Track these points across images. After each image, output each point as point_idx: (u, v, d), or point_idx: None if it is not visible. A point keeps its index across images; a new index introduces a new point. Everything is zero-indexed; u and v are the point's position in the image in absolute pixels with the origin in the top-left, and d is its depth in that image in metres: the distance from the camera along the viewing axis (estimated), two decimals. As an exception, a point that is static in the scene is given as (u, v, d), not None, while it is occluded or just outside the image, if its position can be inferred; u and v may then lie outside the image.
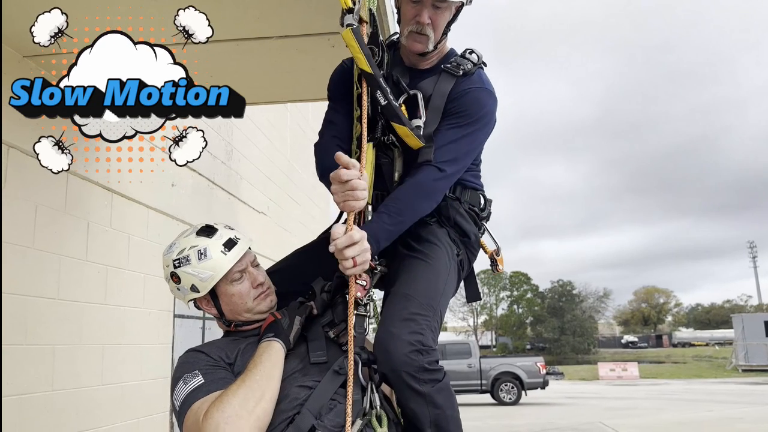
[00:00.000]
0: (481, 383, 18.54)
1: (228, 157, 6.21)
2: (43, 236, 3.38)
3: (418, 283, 1.83)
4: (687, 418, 13.60)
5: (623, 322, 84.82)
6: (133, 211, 4.40)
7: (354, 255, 1.68)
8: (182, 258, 1.78)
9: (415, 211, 1.87)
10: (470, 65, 2.01)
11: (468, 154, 1.98)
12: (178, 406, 1.66)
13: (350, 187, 1.72)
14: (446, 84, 1.97)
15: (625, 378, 32.27)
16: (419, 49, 1.98)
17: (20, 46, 3.12)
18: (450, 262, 1.95)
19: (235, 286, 1.82)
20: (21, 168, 3.21)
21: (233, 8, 2.82)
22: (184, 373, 1.69)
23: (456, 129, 1.94)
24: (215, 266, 1.77)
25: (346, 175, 1.71)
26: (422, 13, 1.92)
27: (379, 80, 1.82)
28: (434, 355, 1.73)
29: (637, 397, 20.49)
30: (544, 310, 68.14)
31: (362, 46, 1.79)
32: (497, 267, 2.19)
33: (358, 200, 1.73)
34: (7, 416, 3.04)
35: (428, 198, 1.89)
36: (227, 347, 1.81)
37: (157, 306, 4.72)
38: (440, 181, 1.90)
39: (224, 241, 1.82)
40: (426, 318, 1.75)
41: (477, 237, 2.10)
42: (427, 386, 1.69)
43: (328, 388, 1.68)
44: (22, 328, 3.21)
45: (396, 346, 1.68)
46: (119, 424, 4.11)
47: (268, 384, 1.59)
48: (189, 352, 1.81)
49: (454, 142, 1.92)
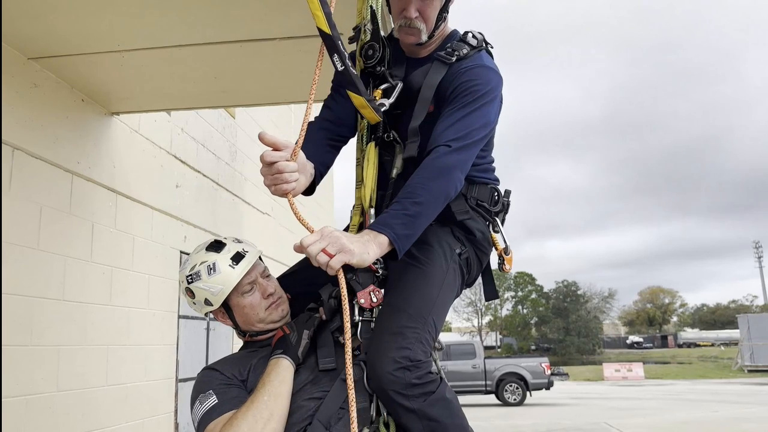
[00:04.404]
0: (486, 384, 18.53)
1: (232, 158, 6.22)
2: (48, 237, 3.39)
3: (409, 292, 1.75)
4: (692, 419, 13.56)
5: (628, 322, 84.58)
6: (138, 212, 4.40)
7: (322, 247, 1.52)
8: (194, 274, 1.84)
9: (431, 191, 1.66)
10: (467, 49, 1.87)
11: (477, 130, 1.78)
12: (196, 426, 1.74)
13: (276, 169, 1.60)
14: (437, 74, 1.85)
15: (630, 378, 32.20)
16: (413, 41, 1.90)
17: (25, 48, 3.14)
18: (448, 264, 1.86)
19: (246, 298, 1.86)
20: (26, 169, 3.23)
21: (237, 10, 2.82)
22: (200, 393, 1.75)
23: (457, 110, 1.79)
24: (224, 280, 1.82)
25: (270, 156, 1.60)
26: (409, 7, 1.83)
27: (337, 43, 1.67)
28: (424, 368, 1.63)
29: (642, 398, 20.44)
30: (549, 311, 67.98)
31: (323, 4, 1.64)
32: (504, 266, 2.07)
33: (288, 182, 1.62)
34: (13, 416, 3.05)
35: (441, 175, 1.69)
36: (240, 363, 1.84)
37: (161, 307, 4.73)
38: (450, 155, 1.71)
39: (232, 255, 1.84)
40: (415, 330, 1.66)
41: (485, 234, 1.98)
42: (418, 401, 1.62)
43: (337, 397, 1.68)
44: (27, 329, 3.22)
45: (381, 364, 1.61)
46: (124, 424, 4.12)
47: (276, 403, 1.61)
48: (205, 371, 1.85)
49: (458, 121, 1.77)
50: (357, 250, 1.55)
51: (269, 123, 7.37)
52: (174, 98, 4.06)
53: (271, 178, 1.63)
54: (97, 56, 3.21)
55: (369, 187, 1.90)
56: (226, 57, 3.27)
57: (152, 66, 3.39)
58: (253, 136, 6.77)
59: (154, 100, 4.06)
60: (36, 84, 3.29)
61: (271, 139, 1.61)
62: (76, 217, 3.65)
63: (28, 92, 3.24)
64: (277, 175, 1.62)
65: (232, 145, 6.22)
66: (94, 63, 3.30)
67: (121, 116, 4.10)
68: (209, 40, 3.09)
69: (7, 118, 3.06)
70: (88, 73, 3.46)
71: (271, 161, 1.60)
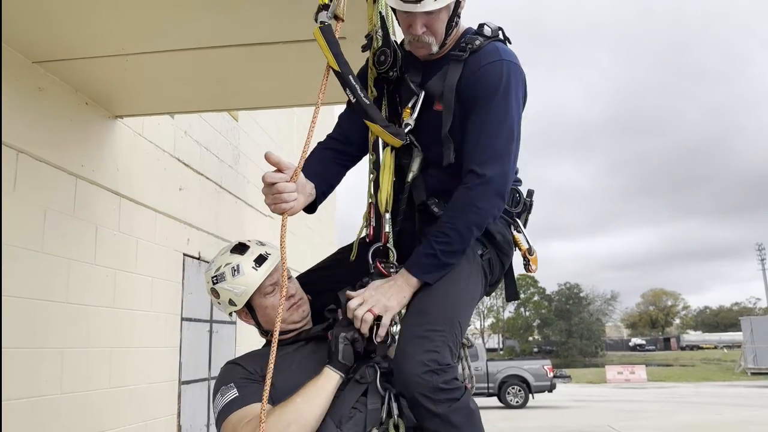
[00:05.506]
0: (488, 386, 18.49)
1: (235, 161, 6.23)
2: (52, 240, 3.40)
3: (435, 295, 1.77)
4: (697, 421, 13.52)
5: (631, 324, 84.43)
6: (141, 215, 4.42)
7: (367, 308, 1.72)
8: (219, 275, 1.92)
9: (458, 230, 1.76)
10: (480, 40, 1.86)
11: (506, 145, 1.80)
12: (216, 416, 1.81)
13: (276, 190, 1.70)
14: (454, 74, 1.84)
15: (632, 381, 32.12)
16: (424, 54, 1.90)
17: (30, 52, 3.15)
18: (471, 266, 1.87)
19: (269, 299, 1.93)
20: (30, 172, 3.24)
21: (242, 14, 2.83)
22: (222, 386, 1.83)
23: (478, 120, 1.80)
24: (247, 281, 1.89)
25: (270, 178, 1.70)
26: (414, 24, 1.81)
27: (348, 78, 1.76)
28: (451, 373, 1.66)
29: (645, 400, 20.39)
30: (552, 313, 67.93)
31: (331, 45, 1.73)
32: (530, 267, 2.07)
33: (287, 202, 1.71)
34: (17, 419, 3.06)
35: (469, 211, 1.76)
36: (263, 360, 1.90)
37: (164, 309, 4.73)
38: (477, 188, 1.76)
39: (255, 257, 1.92)
40: (442, 334, 1.69)
41: (505, 236, 1.98)
42: (443, 406, 1.63)
43: (350, 397, 1.74)
44: (31, 332, 3.23)
45: (409, 367, 1.64)
46: (127, 426, 4.12)
47: (306, 407, 1.67)
48: (228, 365, 1.94)
49: (483, 138, 1.79)
50: (396, 305, 1.76)
51: (272, 126, 7.39)
52: (177, 101, 4.08)
53: (272, 198, 1.72)
54: (102, 60, 3.22)
55: (385, 191, 1.91)
56: (229, 60, 3.28)
57: (156, 69, 3.41)
58: (256, 139, 6.78)
59: (158, 104, 4.08)
60: (41, 87, 3.31)
61: (276, 158, 1.70)
62: (79, 219, 3.67)
63: (33, 96, 3.26)
64: (277, 195, 1.70)
65: (235, 148, 6.23)
66: (99, 67, 3.32)
67: (124, 119, 4.12)
68: (213, 43, 3.10)
69: (13, 121, 3.07)
70: (92, 77, 3.48)
71: (272, 182, 1.70)
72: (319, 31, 1.73)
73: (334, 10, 1.75)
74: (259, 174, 6.49)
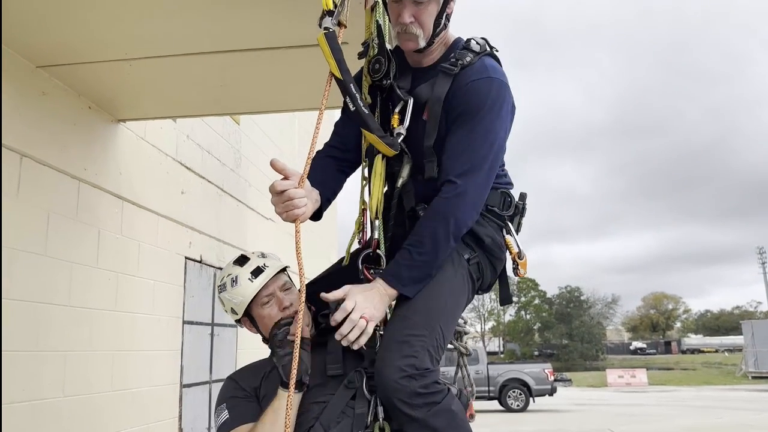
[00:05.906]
0: (489, 390, 18.48)
1: (236, 164, 6.25)
2: (55, 243, 3.41)
3: (417, 301, 1.78)
4: (698, 425, 13.52)
5: (632, 328, 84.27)
6: (144, 218, 4.43)
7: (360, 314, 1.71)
8: (222, 285, 2.02)
9: (436, 239, 1.77)
10: (470, 56, 1.87)
11: (486, 158, 1.82)
12: None
13: (287, 197, 1.70)
14: (443, 86, 1.85)
15: (633, 385, 32.08)
16: (412, 47, 1.91)
17: (33, 56, 3.17)
18: (456, 270, 1.87)
19: (265, 309, 1.98)
20: (33, 176, 3.26)
21: (244, 19, 2.85)
22: (218, 404, 1.96)
23: (462, 132, 1.82)
24: (243, 292, 1.96)
25: (280, 185, 1.70)
26: (403, 13, 1.84)
27: (349, 86, 1.77)
28: (431, 377, 1.66)
29: (646, 404, 20.37)
30: (552, 316, 67.80)
31: (334, 51, 1.73)
32: (519, 270, 2.06)
33: (299, 208, 1.72)
34: (19, 422, 3.07)
35: (446, 221, 1.77)
36: (258, 371, 2.02)
37: (166, 312, 4.75)
38: (453, 199, 1.78)
39: (252, 269, 1.98)
40: (421, 339, 1.69)
41: (495, 239, 1.98)
42: (422, 411, 1.64)
43: (339, 402, 1.79)
44: (33, 335, 3.25)
45: (387, 372, 1.65)
46: (129, 429, 4.13)
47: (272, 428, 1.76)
48: (227, 380, 2.04)
49: (465, 150, 1.81)
50: (379, 314, 1.76)
51: (273, 129, 7.41)
52: (180, 106, 4.10)
53: (282, 206, 1.73)
54: (105, 65, 3.25)
55: (375, 198, 1.93)
56: (232, 65, 3.30)
57: (158, 74, 3.43)
58: (257, 143, 6.80)
59: (160, 108, 4.10)
60: (44, 91, 3.33)
61: (281, 165, 1.72)
62: (82, 223, 3.68)
63: (36, 99, 3.28)
64: (288, 202, 1.71)
65: (236, 152, 6.26)
66: (102, 71, 3.34)
67: (127, 123, 4.14)
68: (215, 48, 3.12)
69: (16, 125, 3.09)
70: (95, 81, 3.50)
71: (282, 189, 1.70)
72: (324, 37, 1.74)
73: (339, 17, 1.76)
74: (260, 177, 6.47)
